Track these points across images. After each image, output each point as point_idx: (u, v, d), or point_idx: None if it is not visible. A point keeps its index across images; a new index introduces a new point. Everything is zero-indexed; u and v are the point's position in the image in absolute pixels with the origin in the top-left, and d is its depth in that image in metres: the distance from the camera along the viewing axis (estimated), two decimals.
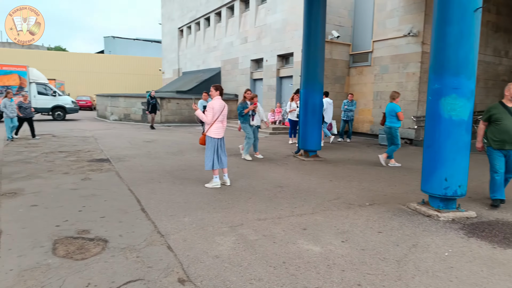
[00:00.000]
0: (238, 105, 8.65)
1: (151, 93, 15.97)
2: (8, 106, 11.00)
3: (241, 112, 8.54)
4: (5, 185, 5.78)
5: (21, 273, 2.98)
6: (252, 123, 8.62)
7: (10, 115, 11.06)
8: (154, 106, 15.79)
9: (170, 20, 28.92)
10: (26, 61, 31.97)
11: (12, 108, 11.09)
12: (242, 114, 8.53)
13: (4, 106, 10.97)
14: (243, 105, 8.56)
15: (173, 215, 4.51)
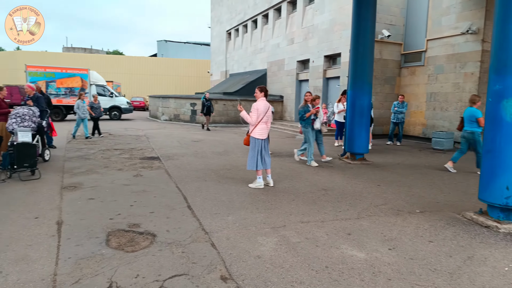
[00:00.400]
0: (299, 109, 8.10)
1: (206, 95, 16.00)
2: (81, 107, 11.73)
3: (302, 116, 8.01)
4: (66, 179, 6.28)
5: (78, 261, 3.22)
6: (315, 127, 8.15)
7: (82, 116, 11.74)
8: (208, 108, 15.83)
9: (219, 24, 29.65)
10: (87, 65, 34.51)
11: (84, 109, 11.82)
12: (304, 118, 7.99)
13: (77, 107, 11.72)
14: (304, 108, 8.01)
15: (217, 213, 4.61)
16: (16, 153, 6.19)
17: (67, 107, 19.76)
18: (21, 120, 6.74)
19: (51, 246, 3.51)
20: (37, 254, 3.33)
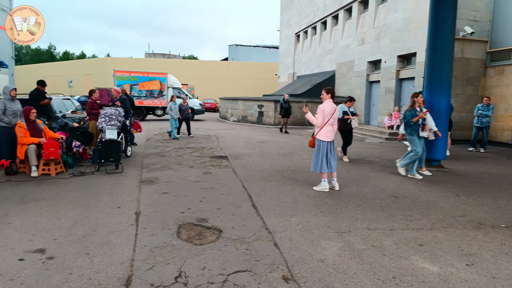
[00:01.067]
0: (405, 112, 7.14)
1: (285, 96, 15.53)
2: (173, 108, 12.34)
3: (408, 121, 7.00)
4: (145, 174, 6.85)
5: (152, 249, 3.51)
6: (422, 135, 7.12)
7: (175, 117, 12.34)
8: (287, 110, 15.38)
9: (288, 26, 29.78)
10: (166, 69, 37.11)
11: (176, 111, 12.40)
12: (410, 123, 6.99)
13: (170, 109, 12.36)
14: (411, 112, 7.02)
15: (281, 213, 4.65)
16: (104, 148, 6.92)
17: (147, 108, 21.54)
18: (109, 120, 7.52)
19: (130, 234, 3.87)
20: (118, 240, 3.70)
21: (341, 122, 8.45)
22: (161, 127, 17.22)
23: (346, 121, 8.61)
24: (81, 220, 4.22)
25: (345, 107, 8.65)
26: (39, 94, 8.16)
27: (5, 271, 2.98)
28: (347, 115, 8.60)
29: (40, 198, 5.10)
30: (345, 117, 8.54)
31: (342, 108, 8.53)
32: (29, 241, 3.60)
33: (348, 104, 8.70)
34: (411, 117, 6.99)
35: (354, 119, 8.66)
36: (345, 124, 8.65)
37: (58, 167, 6.65)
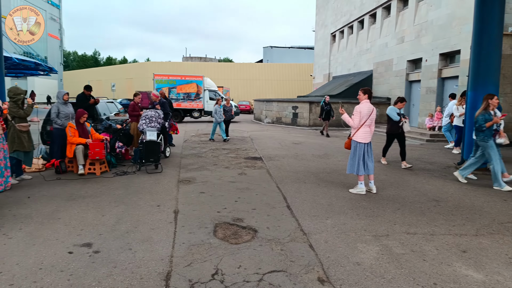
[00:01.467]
0: (477, 116, 6.36)
1: (326, 98, 14.89)
2: (218, 112, 12.41)
3: (481, 126, 6.24)
4: (182, 174, 7.07)
5: (190, 247, 3.62)
6: (498, 141, 6.35)
7: (219, 120, 12.41)
8: (328, 112, 14.72)
9: (324, 27, 29.43)
10: (202, 72, 37.92)
11: (221, 114, 12.48)
12: (483, 128, 6.22)
13: (215, 112, 12.46)
14: (484, 116, 6.26)
15: (316, 215, 4.62)
16: (145, 149, 7.23)
17: (184, 110, 22.18)
18: (149, 121, 7.84)
19: (169, 231, 4.02)
20: (158, 237, 3.85)
21: (391, 125, 8.08)
22: (198, 128, 17.65)
23: (398, 124, 7.98)
24: (124, 217, 4.44)
25: (397, 109, 8.05)
26: (85, 97, 8.67)
27: (56, 263, 3.20)
28: (403, 117, 7.99)
29: (86, 195, 5.42)
30: (402, 119, 7.93)
31: (394, 110, 8.02)
32: (77, 236, 3.84)
33: (399, 105, 8.07)
34: (484, 122, 6.21)
35: (406, 122, 8.04)
36: (396, 127, 8.04)
37: (103, 166, 7.03)
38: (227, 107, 13.01)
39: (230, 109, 13.13)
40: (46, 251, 3.43)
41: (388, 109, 8.18)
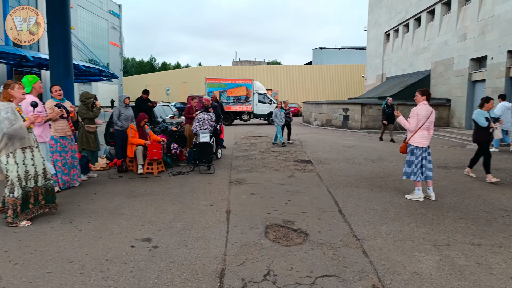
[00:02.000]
0: None
1: (388, 100, 13.48)
2: (278, 115, 12.02)
3: None
4: (233, 175, 7.23)
5: (242, 246, 3.70)
6: None
7: (279, 123, 12.00)
8: (391, 115, 13.35)
9: (377, 26, 28.43)
10: (251, 75, 38.41)
11: (282, 118, 11.99)
12: None
13: (275, 116, 12.08)
14: None
15: (369, 221, 4.48)
16: (198, 150, 7.51)
17: (234, 113, 22.64)
18: (202, 124, 8.13)
19: (222, 230, 4.14)
20: (211, 235, 3.99)
21: (480, 133, 6.80)
22: (247, 131, 17.91)
23: (488, 131, 6.74)
24: (179, 215, 4.66)
25: (486, 112, 6.78)
26: (143, 101, 9.22)
27: (120, 255, 3.45)
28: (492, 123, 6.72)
29: (145, 193, 5.76)
30: (491, 125, 6.67)
31: (482, 114, 6.74)
32: (138, 231, 4.10)
33: (486, 106, 6.80)
34: None
35: (497, 127, 6.75)
36: (486, 134, 6.79)
37: (160, 166, 7.41)
38: (285, 109, 12.53)
39: (288, 112, 12.74)
40: (111, 244, 3.70)
41: (475, 114, 6.85)
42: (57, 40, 8.27)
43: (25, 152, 4.28)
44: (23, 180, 4.26)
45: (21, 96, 4.36)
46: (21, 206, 4.23)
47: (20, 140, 4.21)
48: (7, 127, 4.09)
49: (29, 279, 2.96)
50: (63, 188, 5.84)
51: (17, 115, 4.22)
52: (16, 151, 4.19)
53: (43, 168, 4.52)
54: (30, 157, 4.33)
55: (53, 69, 8.42)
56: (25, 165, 4.28)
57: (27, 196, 4.32)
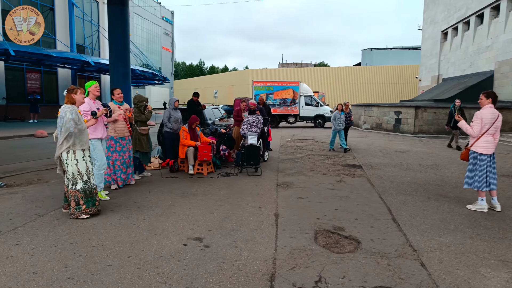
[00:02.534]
0: None
1: (456, 103, 12.00)
2: (337, 118, 11.18)
3: None
4: (280, 178, 7.20)
5: (292, 251, 3.66)
6: None
7: (337, 128, 11.20)
8: None
9: (433, 24, 26.93)
10: (297, 77, 38.19)
11: (341, 121, 11.18)
12: None
13: (334, 119, 11.23)
14: None
15: (426, 231, 4.22)
16: (246, 153, 7.58)
17: (280, 116, 22.63)
18: (250, 126, 8.20)
19: (271, 233, 4.13)
20: (261, 238, 3.99)
21: None
22: (293, 134, 17.81)
23: None
24: (229, 216, 4.72)
25: None
26: (194, 103, 9.52)
27: (174, 253, 3.57)
28: None
29: (196, 193, 5.93)
30: None
31: None
32: (190, 230, 4.22)
33: None
34: None
35: None
36: None
37: (209, 167, 7.60)
38: (346, 113, 11.65)
39: (350, 115, 11.83)
40: (165, 241, 3.84)
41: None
42: (117, 47, 8.82)
43: (85, 150, 4.63)
44: (84, 175, 4.57)
45: (81, 100, 4.77)
46: (84, 200, 4.53)
47: (81, 141, 4.55)
48: (73, 127, 4.44)
49: (92, 271, 3.15)
50: (121, 186, 6.19)
51: (80, 117, 4.56)
52: (76, 150, 4.53)
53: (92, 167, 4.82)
54: (88, 154, 4.67)
55: (112, 74, 8.99)
56: (84, 161, 4.60)
57: (90, 192, 4.61)
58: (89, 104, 5.27)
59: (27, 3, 22.17)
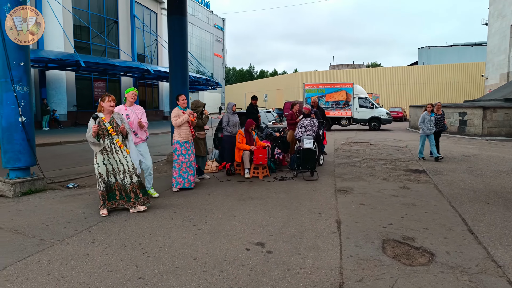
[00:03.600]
0: None
1: None
2: (426, 121, 9.72)
3: None
4: (338, 183, 6.97)
5: (359, 261, 3.47)
6: None
7: (427, 132, 9.72)
8: None
9: (501, 18, 24.73)
10: (348, 79, 37.17)
11: (431, 124, 9.73)
12: None
13: (422, 121, 9.79)
14: None
15: (510, 245, 3.79)
16: (301, 156, 7.46)
17: (332, 119, 22.11)
18: (305, 130, 8.07)
19: (334, 241, 3.98)
20: (324, 245, 3.85)
21: None
22: (347, 137, 17.28)
23: None
24: (289, 221, 4.64)
25: None
26: (253, 107, 9.63)
27: (237, 257, 3.56)
28: None
29: (253, 197, 5.93)
30: None
31: None
32: (251, 234, 4.20)
33: None
34: None
35: None
36: None
37: (265, 171, 7.58)
38: (438, 115, 9.97)
39: (442, 118, 10.03)
40: (228, 245, 3.86)
41: None
42: (176, 55, 9.18)
43: (103, 154, 4.93)
44: (104, 176, 4.97)
45: (108, 108, 4.97)
46: (107, 196, 5.00)
47: (94, 145, 4.89)
48: (86, 134, 4.89)
49: (161, 272, 3.25)
50: (188, 187, 6.37)
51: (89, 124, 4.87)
52: (97, 154, 4.92)
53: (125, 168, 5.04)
54: (107, 158, 4.95)
55: (172, 80, 9.37)
56: (104, 164, 4.95)
57: (111, 188, 5.02)
58: (119, 110, 5.48)
59: (95, 17, 24.09)
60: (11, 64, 5.89)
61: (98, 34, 23.85)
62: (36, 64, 18.06)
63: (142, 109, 5.89)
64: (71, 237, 4.09)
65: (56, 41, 20.43)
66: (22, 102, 6.06)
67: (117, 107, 5.44)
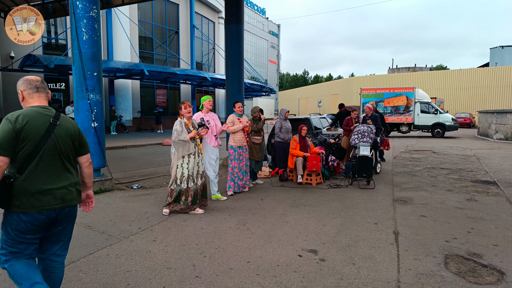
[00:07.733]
0: None
1: None
2: None
3: None
4: (397, 193, 6.66)
5: (418, 275, 3.30)
6: None
7: None
8: None
9: None
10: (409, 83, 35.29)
11: None
12: None
13: None
14: None
15: None
16: (357, 164, 7.26)
17: (391, 125, 21.13)
18: (361, 136, 7.84)
19: (391, 253, 3.82)
20: (380, 257, 3.72)
21: None
22: (407, 144, 16.41)
23: None
24: (343, 230, 4.55)
25: None
26: (341, 114, 10.90)
27: (290, 263, 3.58)
28: None
29: (306, 204, 5.89)
30: None
31: None
32: (303, 241, 4.19)
33: None
34: None
35: None
36: None
37: (318, 178, 7.50)
38: None
39: None
40: (280, 250, 3.89)
41: None
42: (232, 62, 9.50)
43: (184, 157, 5.17)
44: (178, 179, 5.21)
45: (186, 114, 5.24)
46: (174, 198, 5.20)
47: (183, 147, 5.11)
48: (174, 137, 5.14)
49: (216, 272, 3.38)
50: (237, 191, 6.57)
51: (183, 128, 5.12)
52: (183, 157, 5.17)
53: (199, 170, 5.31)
54: (187, 161, 5.19)
55: (228, 87, 9.69)
56: (182, 168, 5.19)
57: (179, 193, 5.22)
58: (197, 117, 5.78)
59: (158, 28, 25.71)
60: (86, 74, 6.52)
61: (160, 45, 25.41)
62: (106, 73, 19.73)
63: (217, 116, 6.30)
64: (135, 235, 4.41)
65: (124, 52, 22.19)
66: (95, 109, 6.68)
67: (196, 114, 5.91)
